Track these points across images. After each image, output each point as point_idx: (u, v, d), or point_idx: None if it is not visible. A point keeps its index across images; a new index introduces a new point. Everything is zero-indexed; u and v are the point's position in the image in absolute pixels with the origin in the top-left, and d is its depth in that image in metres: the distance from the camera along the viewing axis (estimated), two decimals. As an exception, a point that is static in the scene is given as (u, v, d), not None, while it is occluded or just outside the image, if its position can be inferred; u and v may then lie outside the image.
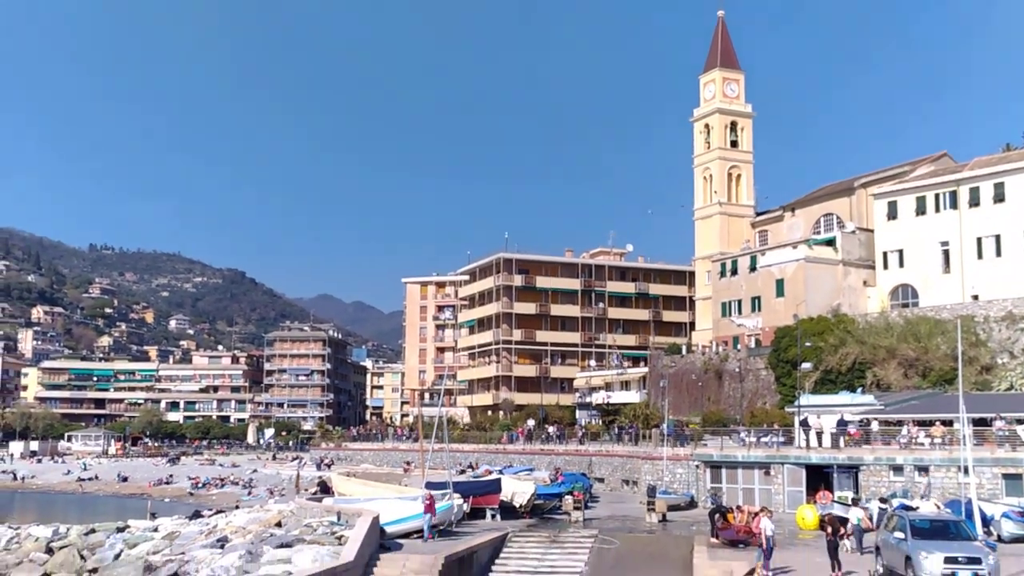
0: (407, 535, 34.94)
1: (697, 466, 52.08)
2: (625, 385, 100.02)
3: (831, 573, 27.88)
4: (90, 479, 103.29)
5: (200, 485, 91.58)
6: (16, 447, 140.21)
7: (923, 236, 78.20)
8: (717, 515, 35.86)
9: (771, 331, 79.59)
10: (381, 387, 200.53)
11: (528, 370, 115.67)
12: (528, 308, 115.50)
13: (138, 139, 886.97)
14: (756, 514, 31.71)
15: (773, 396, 74.33)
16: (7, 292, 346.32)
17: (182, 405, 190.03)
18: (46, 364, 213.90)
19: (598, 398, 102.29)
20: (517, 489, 46.11)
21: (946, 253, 76.90)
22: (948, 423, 48.29)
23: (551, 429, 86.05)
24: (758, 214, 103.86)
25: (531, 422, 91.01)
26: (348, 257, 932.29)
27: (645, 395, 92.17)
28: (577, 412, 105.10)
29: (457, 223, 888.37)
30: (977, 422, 45.17)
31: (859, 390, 62.65)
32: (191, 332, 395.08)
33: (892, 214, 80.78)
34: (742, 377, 78.77)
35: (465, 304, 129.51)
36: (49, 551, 40.48)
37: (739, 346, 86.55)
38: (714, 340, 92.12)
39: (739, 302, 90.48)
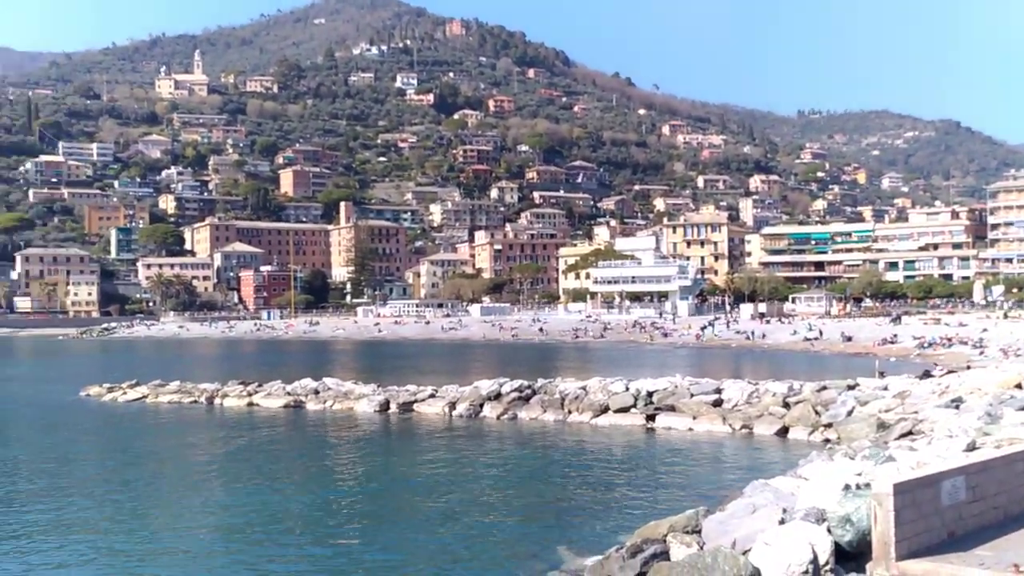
0: None
1: None
2: None
3: None
4: (816, 338, 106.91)
5: (926, 344, 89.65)
6: (745, 309, 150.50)
7: None
8: None
9: None
10: None
11: None
12: None
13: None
14: None
15: None
16: (727, 165, 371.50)
17: (901, 264, 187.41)
18: (766, 230, 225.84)
19: None
20: None
21: None
22: None
23: None
24: None
25: None
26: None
27: None
28: None
29: None
30: None
31: None
32: (905, 189, 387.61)
33: None
34: None
35: None
36: (786, 405, 42.58)
37: None
38: None
39: None
